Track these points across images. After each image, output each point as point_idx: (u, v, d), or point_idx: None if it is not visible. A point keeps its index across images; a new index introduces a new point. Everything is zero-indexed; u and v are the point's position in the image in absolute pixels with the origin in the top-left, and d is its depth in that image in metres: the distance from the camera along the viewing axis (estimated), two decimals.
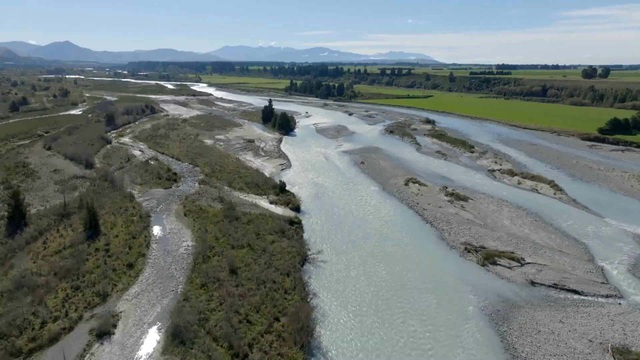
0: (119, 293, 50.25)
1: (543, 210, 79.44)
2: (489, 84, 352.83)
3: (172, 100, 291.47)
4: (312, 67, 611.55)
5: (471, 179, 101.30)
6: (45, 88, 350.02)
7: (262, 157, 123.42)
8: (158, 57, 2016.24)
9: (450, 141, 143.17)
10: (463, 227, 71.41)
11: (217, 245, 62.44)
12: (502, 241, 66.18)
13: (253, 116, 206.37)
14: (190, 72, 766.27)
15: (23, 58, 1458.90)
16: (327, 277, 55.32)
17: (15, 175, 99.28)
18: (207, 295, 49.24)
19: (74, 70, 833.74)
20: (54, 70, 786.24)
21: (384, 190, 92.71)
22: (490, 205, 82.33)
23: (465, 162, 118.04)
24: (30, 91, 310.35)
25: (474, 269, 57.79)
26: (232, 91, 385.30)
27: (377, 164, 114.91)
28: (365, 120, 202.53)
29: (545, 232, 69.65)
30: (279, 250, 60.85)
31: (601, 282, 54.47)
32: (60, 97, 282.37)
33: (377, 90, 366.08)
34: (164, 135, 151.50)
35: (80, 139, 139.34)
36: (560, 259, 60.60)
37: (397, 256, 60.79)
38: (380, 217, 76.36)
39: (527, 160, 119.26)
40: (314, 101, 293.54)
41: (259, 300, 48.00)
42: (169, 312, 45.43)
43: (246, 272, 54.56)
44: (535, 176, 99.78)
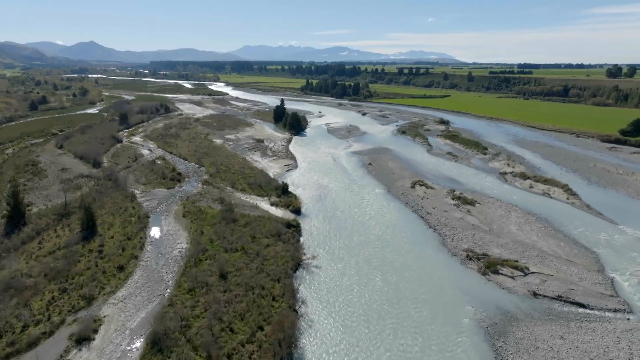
0: (106, 296, 49.46)
1: (553, 216, 75.99)
2: (509, 84, 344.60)
3: (187, 99, 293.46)
4: (329, 67, 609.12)
5: (481, 182, 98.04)
6: (66, 87, 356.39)
7: (269, 157, 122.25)
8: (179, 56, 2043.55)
9: (463, 142, 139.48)
10: (467, 233, 68.66)
11: (210, 248, 61.29)
12: (507, 248, 63.26)
13: (265, 116, 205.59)
14: (209, 71, 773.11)
15: (50, 58, 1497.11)
16: (319, 284, 53.51)
17: (24, 173, 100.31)
18: (193, 300, 48.02)
19: (97, 70, 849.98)
20: (78, 69, 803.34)
21: (389, 192, 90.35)
22: (498, 210, 79.20)
23: (477, 164, 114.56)
24: (52, 90, 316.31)
25: (474, 278, 55.18)
26: (249, 90, 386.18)
27: (385, 165, 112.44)
28: (378, 120, 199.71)
29: (553, 240, 66.38)
30: (273, 254, 59.29)
31: (610, 295, 51.26)
32: (80, 96, 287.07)
33: (394, 89, 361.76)
34: (174, 135, 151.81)
35: (92, 137, 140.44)
36: (568, 268, 57.46)
37: (395, 264, 58.46)
38: (382, 221, 74.08)
39: (541, 163, 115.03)
40: (328, 101, 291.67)
41: (245, 307, 46.52)
42: (153, 317, 44.32)
43: (236, 277, 53.19)
44: (548, 180, 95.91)
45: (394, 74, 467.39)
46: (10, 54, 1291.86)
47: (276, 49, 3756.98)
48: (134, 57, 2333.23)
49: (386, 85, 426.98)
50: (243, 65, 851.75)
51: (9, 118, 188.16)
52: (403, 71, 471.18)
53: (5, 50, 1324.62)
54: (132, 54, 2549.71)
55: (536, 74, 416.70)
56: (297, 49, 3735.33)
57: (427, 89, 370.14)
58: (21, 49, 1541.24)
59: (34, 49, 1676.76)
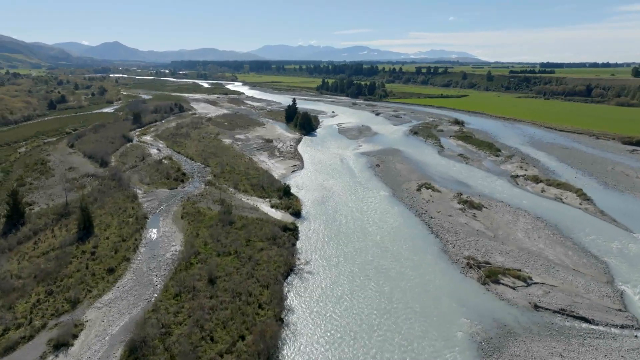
0: (91, 300, 48.72)
1: (564, 222, 72.52)
2: (529, 83, 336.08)
3: (203, 98, 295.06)
4: (346, 66, 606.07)
5: (491, 185, 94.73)
6: (87, 86, 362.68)
7: (277, 157, 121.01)
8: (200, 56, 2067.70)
9: (476, 144, 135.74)
10: (470, 239, 65.93)
11: (203, 251, 60.17)
12: (511, 256, 60.37)
13: (278, 115, 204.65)
14: (228, 71, 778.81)
15: (75, 58, 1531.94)
16: (309, 292, 51.67)
17: (32, 172, 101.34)
18: (178, 306, 46.85)
19: (119, 69, 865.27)
20: (101, 69, 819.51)
21: (394, 195, 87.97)
22: (506, 215, 76.08)
23: (488, 166, 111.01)
24: (72, 89, 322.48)
25: (472, 288, 52.61)
26: (265, 90, 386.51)
27: (394, 167, 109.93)
28: (392, 120, 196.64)
29: (561, 248, 63.13)
30: (266, 259, 57.80)
31: (617, 310, 48.09)
32: (98, 96, 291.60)
33: (410, 89, 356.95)
34: (184, 134, 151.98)
35: (104, 137, 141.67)
36: (574, 279, 54.35)
37: (391, 272, 56.01)
38: (383, 226, 71.74)
39: (556, 166, 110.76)
40: (343, 100, 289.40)
41: (229, 314, 45.10)
42: (133, 323, 43.29)
43: (225, 282, 51.86)
44: (562, 183, 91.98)
45: (411, 74, 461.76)
46: (37, 54, 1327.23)
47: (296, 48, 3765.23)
48: (156, 56, 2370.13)
49: (403, 84, 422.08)
50: (261, 64, 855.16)
51: (27, 117, 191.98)
52: (421, 70, 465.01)
53: (33, 50, 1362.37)
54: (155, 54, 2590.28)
55: (558, 73, 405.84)
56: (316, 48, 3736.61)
57: (445, 89, 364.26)
58: (48, 50, 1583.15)
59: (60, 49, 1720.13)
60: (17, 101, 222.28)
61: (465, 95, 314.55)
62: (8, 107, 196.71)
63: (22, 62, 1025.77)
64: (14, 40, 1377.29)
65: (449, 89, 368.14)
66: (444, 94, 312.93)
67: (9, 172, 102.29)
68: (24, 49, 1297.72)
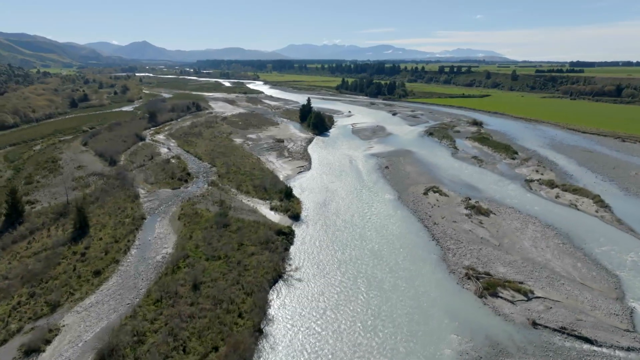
0: (72, 303, 47.90)
1: (576, 231, 68.28)
2: (555, 83, 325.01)
3: (222, 97, 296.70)
4: (368, 65, 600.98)
5: (502, 189, 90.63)
6: (111, 85, 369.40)
7: (285, 158, 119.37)
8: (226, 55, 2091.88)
9: (493, 145, 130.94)
10: (473, 248, 62.63)
11: (192, 254, 58.88)
12: (514, 267, 56.89)
13: (293, 115, 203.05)
14: (251, 70, 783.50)
15: (105, 57, 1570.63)
16: (294, 301, 49.48)
17: (42, 170, 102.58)
18: (156, 313, 45.51)
19: (145, 69, 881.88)
20: (128, 68, 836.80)
21: (399, 199, 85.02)
22: (514, 222, 72.25)
23: (503, 169, 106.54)
24: (95, 88, 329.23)
25: (468, 301, 49.54)
26: (285, 89, 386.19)
27: (403, 169, 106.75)
28: (408, 120, 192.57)
29: (570, 259, 59.21)
30: (255, 264, 56.04)
31: (625, 330, 44.31)
32: (120, 94, 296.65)
33: (431, 89, 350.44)
34: (197, 134, 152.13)
35: (118, 135, 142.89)
36: (580, 294, 50.61)
37: (384, 284, 52.92)
38: (383, 232, 68.82)
39: (575, 170, 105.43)
40: (362, 100, 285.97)
41: (207, 323, 43.47)
42: (107, 330, 42.15)
43: (209, 288, 50.32)
44: (578, 189, 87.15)
45: (434, 73, 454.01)
46: (70, 54, 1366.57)
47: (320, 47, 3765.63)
48: (182, 56, 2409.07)
49: (425, 84, 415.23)
50: (284, 63, 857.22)
51: (48, 115, 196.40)
52: (444, 70, 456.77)
53: (65, 50, 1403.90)
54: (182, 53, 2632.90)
55: (588, 72, 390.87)
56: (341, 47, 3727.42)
57: (468, 88, 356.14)
58: (80, 49, 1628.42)
59: (91, 49, 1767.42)
60: (42, 100, 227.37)
61: (487, 95, 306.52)
62: (31, 105, 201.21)
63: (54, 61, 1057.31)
64: (48, 40, 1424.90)
65: (472, 88, 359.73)
66: (466, 94, 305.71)
67: (20, 169, 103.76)
68: (57, 49, 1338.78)
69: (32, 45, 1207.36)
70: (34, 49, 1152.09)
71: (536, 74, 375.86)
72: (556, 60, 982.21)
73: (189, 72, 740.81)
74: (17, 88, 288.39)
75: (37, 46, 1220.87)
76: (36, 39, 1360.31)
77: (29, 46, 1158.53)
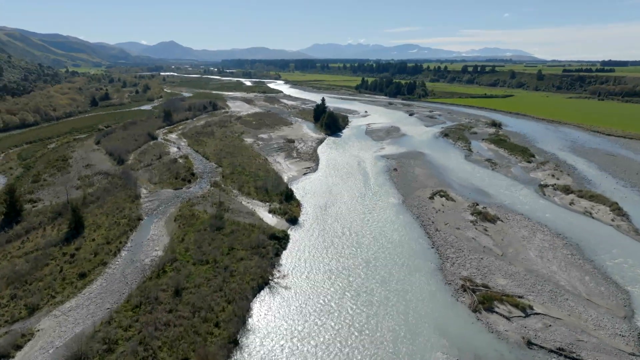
0: (52, 307, 47.13)
1: (588, 241, 64.08)
2: (583, 83, 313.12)
3: (240, 97, 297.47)
4: (390, 65, 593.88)
5: (514, 194, 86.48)
6: (134, 84, 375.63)
7: (293, 159, 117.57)
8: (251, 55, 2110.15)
9: (509, 148, 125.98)
10: (474, 257, 59.36)
11: (181, 258, 57.57)
12: (516, 279, 53.46)
13: (308, 115, 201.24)
14: (274, 69, 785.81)
15: (133, 57, 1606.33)
16: (275, 311, 47.33)
17: (51, 168, 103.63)
18: (132, 319, 44.24)
19: (171, 68, 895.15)
20: (154, 67, 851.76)
21: (403, 203, 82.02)
22: (522, 229, 68.41)
23: (517, 173, 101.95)
24: (118, 87, 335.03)
25: (461, 316, 46.52)
26: (305, 88, 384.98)
27: (412, 171, 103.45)
28: (424, 121, 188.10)
29: (578, 272, 55.32)
30: (242, 270, 54.31)
31: (630, 353, 40.61)
32: (141, 93, 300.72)
33: (453, 88, 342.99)
34: (209, 133, 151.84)
35: (131, 134, 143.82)
36: (585, 311, 46.93)
37: (374, 296, 50.05)
38: (381, 240, 65.72)
39: (595, 175, 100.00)
40: (380, 100, 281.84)
41: (181, 332, 41.91)
42: (79, 337, 41.05)
43: (191, 294, 48.83)
44: (595, 195, 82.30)
45: (457, 72, 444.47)
46: (100, 53, 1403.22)
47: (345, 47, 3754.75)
48: (208, 55, 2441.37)
49: (448, 83, 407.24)
50: (306, 63, 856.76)
51: (68, 114, 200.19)
52: (467, 69, 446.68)
53: (96, 50, 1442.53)
54: (207, 53, 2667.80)
55: (619, 72, 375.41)
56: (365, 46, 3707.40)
57: (491, 88, 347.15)
58: (109, 49, 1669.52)
59: (120, 48, 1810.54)
60: (65, 98, 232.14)
61: (510, 95, 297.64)
62: (53, 104, 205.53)
63: (85, 61, 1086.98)
64: (80, 41, 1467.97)
65: (496, 88, 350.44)
66: (488, 94, 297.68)
67: (30, 167, 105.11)
68: (88, 49, 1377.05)
69: (64, 45, 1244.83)
70: (66, 49, 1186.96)
71: (563, 73, 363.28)
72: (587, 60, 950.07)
73: (213, 72, 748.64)
74: (44, 87, 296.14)
75: (69, 46, 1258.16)
76: (69, 39, 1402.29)
77: (61, 46, 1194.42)
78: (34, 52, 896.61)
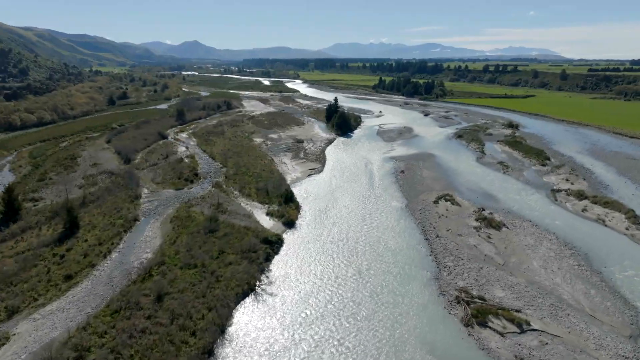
0: (33, 309, 46.44)
1: (598, 251, 60.37)
2: (609, 83, 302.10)
3: (256, 96, 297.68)
4: (410, 64, 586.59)
5: (523, 199, 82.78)
6: (154, 83, 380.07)
7: (299, 159, 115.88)
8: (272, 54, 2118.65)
9: (524, 150, 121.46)
10: (473, 266, 56.49)
11: (169, 261, 56.44)
12: (515, 292, 50.45)
13: (321, 114, 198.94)
14: (294, 68, 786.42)
15: (157, 56, 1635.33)
16: (257, 321, 45.51)
17: (58, 167, 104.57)
18: (110, 325, 43.18)
19: (193, 67, 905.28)
20: (176, 67, 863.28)
21: (406, 207, 79.34)
22: (528, 237, 65.04)
23: (529, 177, 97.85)
24: (136, 87, 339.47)
25: (451, 331, 43.88)
26: (322, 88, 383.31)
27: (419, 174, 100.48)
28: (439, 122, 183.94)
29: (583, 285, 51.92)
30: (229, 275, 52.75)
31: None
32: (159, 92, 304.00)
33: (473, 88, 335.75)
34: (219, 133, 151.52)
35: (141, 133, 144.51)
36: (587, 328, 43.72)
37: (362, 310, 46.99)
38: (377, 247, 62.72)
39: (613, 180, 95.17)
40: (397, 99, 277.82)
41: (155, 341, 40.56)
42: (50, 344, 40.14)
43: (173, 300, 47.51)
44: (610, 202, 78.00)
45: (477, 72, 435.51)
46: (125, 53, 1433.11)
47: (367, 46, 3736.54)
48: (230, 55, 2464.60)
49: (468, 83, 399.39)
50: (326, 62, 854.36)
51: (85, 112, 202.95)
52: (488, 68, 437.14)
53: (121, 50, 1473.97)
54: (230, 52, 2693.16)
55: None
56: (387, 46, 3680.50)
57: (513, 88, 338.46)
58: (134, 49, 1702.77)
59: (145, 48, 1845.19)
60: (84, 97, 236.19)
61: (532, 95, 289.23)
62: (70, 103, 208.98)
63: (110, 60, 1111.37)
64: (106, 40, 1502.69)
65: (517, 88, 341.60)
66: (508, 94, 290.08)
67: (39, 166, 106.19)
68: (114, 49, 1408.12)
69: (91, 45, 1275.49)
70: (92, 48, 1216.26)
71: (588, 72, 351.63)
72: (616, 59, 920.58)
73: (233, 71, 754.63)
74: (66, 86, 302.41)
75: (95, 46, 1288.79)
76: (95, 39, 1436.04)
77: (87, 46, 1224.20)
78: (62, 52, 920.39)
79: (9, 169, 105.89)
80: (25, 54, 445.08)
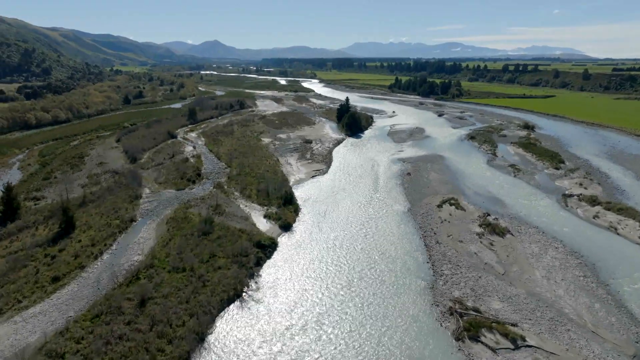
0: (15, 312, 45.90)
1: (606, 261, 57.06)
2: (634, 83, 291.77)
3: (271, 95, 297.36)
4: (428, 63, 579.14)
5: (532, 204, 79.43)
6: (171, 83, 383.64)
7: (305, 160, 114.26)
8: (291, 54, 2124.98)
9: (538, 153, 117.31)
10: (471, 275, 53.94)
11: (158, 264, 55.47)
12: (513, 304, 47.80)
13: (333, 114, 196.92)
14: (312, 68, 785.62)
15: (178, 56, 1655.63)
16: (237, 330, 44.05)
17: (65, 166, 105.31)
18: (88, 330, 42.28)
19: (212, 67, 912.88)
20: (196, 66, 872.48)
21: (409, 211, 76.92)
22: (532, 245, 62.03)
23: (540, 181, 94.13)
24: (153, 86, 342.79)
25: (441, 345, 41.60)
26: (338, 87, 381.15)
27: (426, 176, 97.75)
28: (453, 122, 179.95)
29: (587, 298, 48.91)
30: (217, 280, 51.49)
31: None
32: (175, 92, 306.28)
33: (491, 88, 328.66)
34: (228, 132, 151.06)
35: (151, 133, 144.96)
36: (587, 346, 40.93)
37: (344, 324, 44.41)
38: (374, 255, 60.23)
39: (631, 184, 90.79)
40: (411, 99, 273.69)
41: (131, 348, 39.45)
42: (24, 349, 39.45)
43: (156, 305, 46.36)
44: (625, 208, 74.10)
45: (497, 72, 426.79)
46: (147, 53, 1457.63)
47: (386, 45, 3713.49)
48: (250, 54, 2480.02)
49: (487, 83, 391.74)
50: (344, 62, 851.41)
51: (100, 111, 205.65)
52: (508, 68, 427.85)
53: (143, 49, 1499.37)
54: (249, 52, 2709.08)
55: None
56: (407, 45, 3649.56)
57: (532, 88, 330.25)
58: (156, 48, 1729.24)
59: (166, 48, 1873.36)
60: (100, 96, 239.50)
61: (551, 95, 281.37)
62: (86, 102, 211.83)
63: (132, 60, 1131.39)
64: (129, 40, 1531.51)
65: (537, 88, 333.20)
66: (527, 94, 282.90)
67: (46, 165, 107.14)
68: (136, 48, 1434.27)
69: (114, 45, 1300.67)
70: (115, 48, 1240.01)
71: (612, 72, 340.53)
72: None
73: (251, 70, 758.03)
74: (86, 85, 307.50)
75: (118, 46, 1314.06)
76: (118, 39, 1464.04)
77: (111, 46, 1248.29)
78: (86, 52, 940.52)
79: (18, 167, 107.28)
80: (49, 54, 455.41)
